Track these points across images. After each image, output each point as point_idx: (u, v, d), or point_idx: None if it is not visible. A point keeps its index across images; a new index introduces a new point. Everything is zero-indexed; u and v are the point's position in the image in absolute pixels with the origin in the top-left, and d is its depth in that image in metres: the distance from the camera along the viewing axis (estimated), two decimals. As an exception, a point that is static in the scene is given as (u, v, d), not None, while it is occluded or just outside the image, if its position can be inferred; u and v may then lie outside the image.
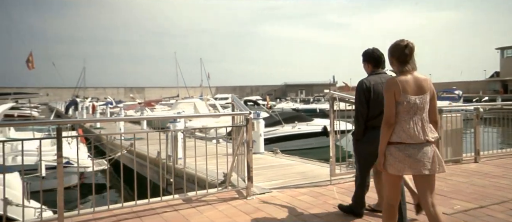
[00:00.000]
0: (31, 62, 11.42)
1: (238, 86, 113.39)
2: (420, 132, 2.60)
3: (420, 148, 2.59)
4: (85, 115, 22.88)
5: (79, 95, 69.14)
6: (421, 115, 2.63)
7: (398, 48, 2.68)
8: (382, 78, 3.46)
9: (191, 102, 25.68)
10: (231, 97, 4.86)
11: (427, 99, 2.65)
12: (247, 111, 4.09)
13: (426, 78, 2.70)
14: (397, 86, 2.62)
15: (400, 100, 2.61)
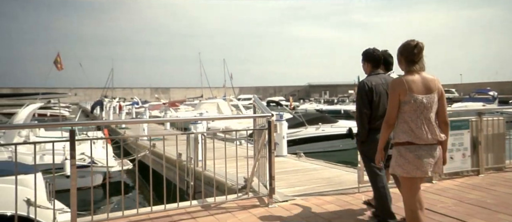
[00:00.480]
0: (59, 63, 11.70)
1: (262, 87, 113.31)
2: (428, 132, 2.56)
3: (429, 149, 2.56)
4: (111, 115, 23.39)
5: (107, 95, 71.27)
6: (428, 114, 2.59)
7: (407, 47, 2.66)
8: (382, 79, 3.43)
9: (214, 103, 25.74)
10: (253, 98, 4.65)
11: (435, 99, 2.61)
12: (269, 113, 3.86)
13: (434, 79, 2.65)
14: (403, 85, 2.59)
15: (406, 100, 2.59)
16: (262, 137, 3.96)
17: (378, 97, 3.35)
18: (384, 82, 3.39)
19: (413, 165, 2.53)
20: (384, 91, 3.34)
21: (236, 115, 6.92)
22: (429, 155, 2.55)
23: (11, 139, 7.83)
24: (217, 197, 4.22)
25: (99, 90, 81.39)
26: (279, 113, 9.41)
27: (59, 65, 11.75)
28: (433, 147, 2.56)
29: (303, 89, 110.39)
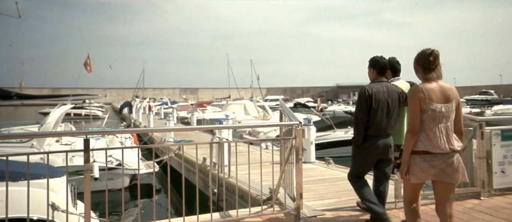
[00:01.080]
0: (89, 65, 12.01)
1: (289, 88, 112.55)
2: (445, 141, 2.57)
3: (446, 158, 2.57)
4: (140, 116, 23.84)
5: (138, 95, 73.45)
6: (446, 123, 2.60)
7: (423, 55, 2.67)
8: (384, 87, 3.48)
9: (241, 104, 25.69)
10: (279, 104, 4.40)
11: (453, 108, 2.63)
12: (296, 120, 3.58)
13: (452, 87, 2.67)
14: (422, 93, 2.59)
15: (425, 108, 2.58)
16: (289, 146, 3.70)
17: (377, 104, 3.37)
18: (386, 90, 3.45)
19: (427, 173, 2.60)
20: (384, 99, 3.40)
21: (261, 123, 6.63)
22: (445, 163, 2.57)
23: (43, 141, 8.01)
24: (240, 210, 4.00)
25: (131, 90, 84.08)
26: (307, 117, 9.09)
27: (88, 67, 12.03)
28: (450, 155, 2.59)
29: (331, 90, 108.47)
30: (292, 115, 3.71)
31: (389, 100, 3.43)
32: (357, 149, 3.54)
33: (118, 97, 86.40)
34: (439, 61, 2.66)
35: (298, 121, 3.54)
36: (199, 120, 19.77)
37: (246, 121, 19.32)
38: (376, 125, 3.36)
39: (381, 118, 3.36)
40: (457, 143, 2.62)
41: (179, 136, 13.09)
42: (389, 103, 3.42)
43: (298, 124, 3.50)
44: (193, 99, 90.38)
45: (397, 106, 3.50)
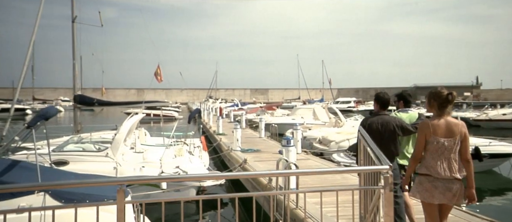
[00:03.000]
0: (159, 75, 12.42)
1: (361, 89, 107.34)
2: (446, 169, 3.05)
3: (446, 183, 3.05)
4: (211, 119, 24.25)
5: (212, 95, 76.58)
6: (448, 155, 3.07)
7: (441, 96, 3.16)
8: (379, 119, 4.17)
9: (310, 108, 24.72)
10: (359, 131, 3.59)
11: (456, 141, 3.08)
12: (385, 163, 2.73)
13: (458, 123, 3.12)
14: (428, 128, 3.12)
15: (430, 140, 3.10)
16: (375, 199, 2.89)
17: (371, 133, 3.79)
18: (380, 122, 4.15)
19: (429, 192, 3.04)
20: (376, 129, 4.07)
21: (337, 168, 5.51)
22: (445, 188, 3.02)
23: (116, 149, 8.21)
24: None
25: (205, 91, 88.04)
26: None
27: (158, 77, 12.43)
28: (451, 181, 3.03)
29: (408, 91, 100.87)
30: (378, 153, 2.89)
31: (381, 130, 4.10)
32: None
33: (193, 97, 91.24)
34: (453, 100, 3.13)
35: (388, 164, 2.69)
36: (267, 124, 19.38)
37: (315, 127, 18.40)
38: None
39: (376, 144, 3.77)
40: (459, 173, 3.07)
41: (245, 145, 12.77)
42: (381, 133, 4.08)
43: (388, 169, 2.65)
44: (263, 99, 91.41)
45: (392, 134, 4.10)
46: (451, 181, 3.03)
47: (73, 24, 11.52)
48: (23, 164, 5.31)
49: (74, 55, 11.73)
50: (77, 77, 12.18)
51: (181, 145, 10.86)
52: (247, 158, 9.78)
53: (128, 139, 9.79)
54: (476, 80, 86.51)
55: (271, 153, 11.36)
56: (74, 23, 11.50)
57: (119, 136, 8.35)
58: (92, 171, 7.84)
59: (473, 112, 33.18)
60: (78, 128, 11.72)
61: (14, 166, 5.17)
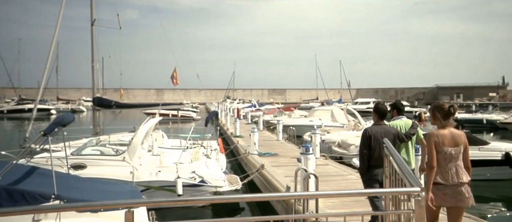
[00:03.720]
0: (175, 78, 12.47)
1: (381, 89, 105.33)
2: (454, 176, 3.40)
3: (455, 188, 3.39)
4: (229, 120, 24.18)
5: (229, 95, 76.88)
6: (455, 162, 3.42)
7: (443, 108, 3.55)
8: (381, 129, 4.56)
9: (328, 110, 24.27)
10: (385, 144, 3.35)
11: (461, 150, 3.45)
12: (416, 185, 2.46)
13: (461, 134, 3.51)
14: (437, 138, 3.45)
15: (438, 150, 3.42)
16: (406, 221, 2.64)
17: (376, 142, 4.36)
18: (382, 131, 4.49)
19: (441, 198, 3.39)
20: (380, 138, 4.29)
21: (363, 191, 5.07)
22: (455, 192, 3.38)
23: (133, 154, 8.21)
24: None
25: (222, 91, 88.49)
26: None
27: (174, 80, 12.46)
28: (458, 186, 3.40)
29: (430, 91, 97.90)
30: (408, 172, 2.64)
31: (383, 139, 4.11)
32: (363, 177, 4.59)
33: (211, 98, 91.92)
34: (455, 112, 3.48)
35: (420, 186, 2.43)
36: (285, 126, 19.14)
37: (334, 129, 18.03)
38: (375, 157, 4.39)
39: (379, 152, 4.23)
40: (465, 177, 3.41)
41: (263, 149, 12.59)
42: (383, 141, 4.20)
43: (419, 191, 2.38)
44: (280, 100, 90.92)
45: (393, 143, 4.09)
46: (459, 185, 3.40)
47: (92, 27, 11.66)
48: (40, 171, 5.32)
49: (93, 58, 11.89)
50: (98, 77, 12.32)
51: (198, 148, 10.80)
52: (264, 162, 9.62)
53: (145, 142, 9.79)
54: (503, 80, 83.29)
55: (289, 157, 11.15)
56: (93, 26, 11.64)
57: (136, 140, 8.34)
58: (109, 175, 7.87)
59: (500, 113, 31.72)
60: (97, 130, 11.88)
61: (32, 173, 5.18)
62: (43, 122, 36.83)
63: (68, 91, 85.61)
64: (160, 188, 7.99)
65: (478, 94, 79.93)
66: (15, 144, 13.04)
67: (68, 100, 62.04)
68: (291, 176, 8.18)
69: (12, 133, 27.65)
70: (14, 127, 34.27)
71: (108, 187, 5.57)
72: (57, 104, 57.46)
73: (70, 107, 57.34)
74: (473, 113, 34.16)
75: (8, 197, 4.28)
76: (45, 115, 44.32)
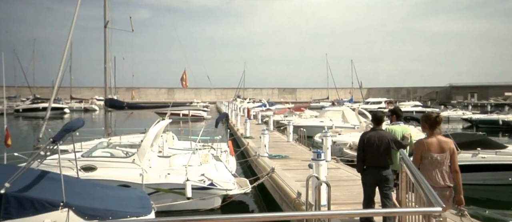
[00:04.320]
0: (185, 80, 12.52)
1: (392, 88, 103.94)
2: (440, 179, 3.79)
3: (441, 190, 3.67)
4: (239, 120, 24.11)
5: (240, 95, 76.94)
6: (441, 167, 3.81)
7: (430, 118, 3.95)
8: (376, 134, 4.99)
9: (339, 111, 23.99)
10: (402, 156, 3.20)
11: (447, 156, 3.83)
12: (438, 205, 2.30)
13: (447, 141, 3.92)
14: (423, 146, 3.88)
15: (425, 156, 3.84)
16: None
17: (369, 146, 4.83)
18: (377, 136, 4.91)
19: None
20: (373, 142, 4.83)
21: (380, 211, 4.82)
22: (440, 195, 3.18)
23: (143, 156, 8.20)
24: None
25: (233, 90, 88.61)
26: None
27: (184, 82, 12.48)
28: (444, 189, 3.77)
29: (443, 91, 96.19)
30: (428, 190, 2.49)
31: (378, 143, 4.84)
32: (361, 175, 5.07)
33: (221, 97, 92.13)
34: (441, 122, 3.87)
35: (441, 206, 2.27)
36: (295, 127, 18.98)
37: (345, 131, 17.79)
38: (369, 159, 4.86)
39: (372, 154, 4.81)
40: (450, 181, 3.79)
41: (273, 151, 12.47)
42: (378, 146, 4.82)
43: (441, 212, 2.22)
44: (291, 99, 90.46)
45: (387, 147, 4.81)
46: (444, 188, 3.75)
47: (105, 29, 11.71)
48: (50, 175, 5.32)
49: (106, 59, 11.93)
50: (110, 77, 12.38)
51: (208, 149, 10.75)
52: (275, 165, 9.51)
53: (155, 144, 9.78)
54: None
55: (299, 160, 11.01)
56: (106, 28, 11.69)
57: (146, 143, 8.33)
58: (119, 177, 7.87)
59: None
60: (109, 131, 11.94)
61: (42, 177, 5.18)
62: (56, 121, 37.53)
63: (82, 90, 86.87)
64: (169, 190, 7.96)
65: (493, 94, 78.09)
66: (29, 144, 13.24)
67: (81, 100, 62.93)
68: (302, 180, 8.06)
69: (27, 132, 28.14)
70: (29, 125, 34.90)
71: (117, 193, 5.54)
72: (70, 103, 58.31)
73: (83, 106, 58.21)
74: (488, 113, 33.22)
75: (17, 204, 4.28)
76: (58, 113, 45.02)
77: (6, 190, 4.28)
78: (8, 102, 56.55)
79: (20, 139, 19.99)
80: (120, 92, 79.78)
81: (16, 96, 63.69)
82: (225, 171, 9.03)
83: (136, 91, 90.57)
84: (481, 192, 10.36)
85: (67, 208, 4.42)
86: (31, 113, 45.01)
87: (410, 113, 41.39)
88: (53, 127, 26.61)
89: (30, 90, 63.37)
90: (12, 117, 43.22)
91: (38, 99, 52.75)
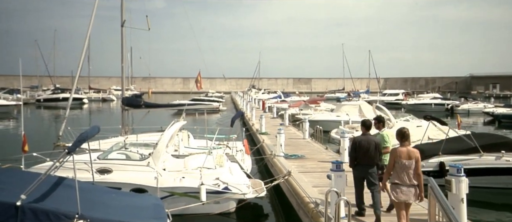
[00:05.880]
0: (199, 82, 12.55)
1: (410, 78, 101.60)
2: (407, 179, 5.00)
3: (408, 187, 5.01)
4: (254, 114, 23.96)
5: (255, 85, 76.65)
6: (408, 170, 5.01)
7: (401, 132, 5.20)
8: (366, 138, 6.13)
9: (356, 105, 23.55)
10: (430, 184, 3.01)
11: (413, 162, 5.01)
12: None
13: (414, 151, 5.12)
14: (396, 154, 5.08)
15: (396, 161, 5.05)
16: None
17: (360, 148, 6.00)
18: (366, 139, 6.07)
19: (400, 194, 5.02)
20: (363, 145, 6.00)
21: None
22: (408, 191, 5.00)
23: (157, 159, 8.18)
24: None
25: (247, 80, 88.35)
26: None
27: (198, 84, 12.48)
28: (411, 187, 5.01)
29: (463, 81, 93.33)
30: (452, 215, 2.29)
31: (367, 146, 5.97)
32: (352, 170, 6.17)
33: (236, 86, 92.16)
34: (409, 135, 5.20)
35: None
36: (312, 121, 18.73)
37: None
38: (360, 158, 6.00)
39: (362, 154, 5.97)
40: (415, 181, 5.02)
41: (289, 149, 12.31)
42: (367, 148, 5.96)
43: None
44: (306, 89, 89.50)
45: (374, 149, 5.99)
46: (410, 186, 4.99)
47: (122, 28, 11.68)
48: (66, 183, 5.31)
49: (123, 58, 11.94)
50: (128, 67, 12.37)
51: (223, 149, 10.67)
52: (291, 166, 9.33)
53: (170, 145, 9.77)
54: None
55: (316, 161, 10.83)
56: (123, 27, 11.66)
57: (160, 146, 8.30)
58: (134, 180, 7.90)
59: None
60: (125, 129, 12.03)
61: (58, 185, 5.18)
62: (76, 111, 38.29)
63: (99, 79, 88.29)
64: (184, 194, 7.93)
65: (517, 85, 75.25)
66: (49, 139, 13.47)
67: (99, 90, 64.04)
68: (319, 185, 7.92)
69: (48, 125, 28.76)
70: (50, 116, 35.74)
71: (132, 201, 5.52)
72: (89, 93, 59.40)
73: (101, 96, 59.28)
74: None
75: (33, 216, 4.29)
76: (77, 104, 45.98)
77: (22, 202, 4.29)
78: (30, 92, 58.21)
79: (40, 134, 20.45)
80: (137, 82, 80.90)
81: (38, 86, 65.35)
82: (240, 173, 8.94)
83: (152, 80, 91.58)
84: (506, 197, 9.99)
85: (82, 220, 4.41)
86: (52, 103, 46.18)
87: (428, 105, 40.23)
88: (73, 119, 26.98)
89: (50, 80, 64.90)
90: (34, 107, 44.44)
91: (58, 89, 54.02)
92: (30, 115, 36.25)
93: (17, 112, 35.49)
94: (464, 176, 5.23)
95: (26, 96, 52.08)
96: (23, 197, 4.32)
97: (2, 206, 4.21)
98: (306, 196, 6.72)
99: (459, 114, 35.64)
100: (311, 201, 6.42)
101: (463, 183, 5.14)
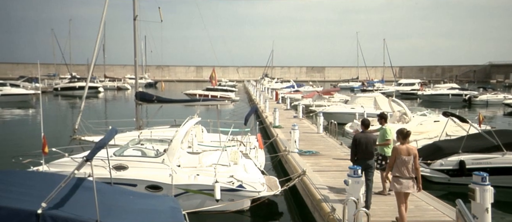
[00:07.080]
0: (214, 78, 12.57)
1: (426, 67, 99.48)
2: (406, 172, 5.75)
3: (406, 179, 5.75)
4: (268, 106, 23.84)
5: (268, 73, 76.34)
6: (408, 165, 5.75)
7: (403, 132, 5.92)
8: (365, 135, 6.95)
9: (371, 98, 23.16)
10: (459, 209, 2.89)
11: (412, 158, 5.76)
12: None
13: (413, 148, 5.91)
14: (397, 151, 5.83)
15: (397, 157, 5.78)
16: None
17: (360, 144, 6.82)
18: (365, 137, 6.91)
19: (399, 185, 5.76)
20: (363, 142, 6.83)
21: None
22: (407, 183, 5.75)
23: (172, 156, 8.22)
24: None
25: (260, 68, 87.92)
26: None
27: (213, 81, 12.49)
28: (409, 179, 5.76)
29: (481, 69, 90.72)
30: None
31: (365, 142, 6.82)
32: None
33: (249, 75, 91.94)
34: (409, 135, 5.95)
35: None
36: (326, 114, 18.52)
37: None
38: (359, 153, 6.82)
39: (361, 150, 6.80)
40: (413, 174, 5.78)
41: (303, 144, 12.20)
42: (366, 144, 6.81)
43: None
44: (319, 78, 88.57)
45: (371, 145, 6.87)
46: (409, 179, 5.71)
47: (134, 22, 11.67)
48: (85, 185, 5.37)
49: (136, 52, 11.96)
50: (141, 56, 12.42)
51: (237, 145, 10.65)
52: (305, 163, 9.24)
53: (184, 141, 9.79)
54: None
55: (330, 158, 10.73)
56: (135, 21, 11.65)
57: (175, 143, 8.32)
58: (149, 177, 7.98)
59: None
60: (140, 123, 12.14)
61: (76, 188, 5.23)
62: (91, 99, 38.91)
63: (114, 68, 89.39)
64: (199, 191, 7.97)
65: (539, 74, 72.79)
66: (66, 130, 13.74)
67: (114, 79, 64.90)
68: (334, 186, 7.83)
69: (65, 114, 29.29)
70: (66, 106, 36.43)
71: (149, 204, 5.54)
72: (104, 81, 60.27)
73: (116, 85, 60.15)
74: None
75: (52, 223, 4.33)
76: (93, 92, 46.80)
77: (43, 210, 4.33)
78: (47, 80, 59.48)
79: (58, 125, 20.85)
80: (150, 70, 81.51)
81: (55, 74, 66.72)
82: (254, 170, 8.91)
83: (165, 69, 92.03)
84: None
85: (98, 227, 4.43)
86: (69, 92, 47.11)
87: (445, 96, 39.20)
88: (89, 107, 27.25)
89: (67, 68, 66.14)
90: (51, 95, 45.45)
91: (75, 78, 55.11)
92: (48, 103, 37.09)
93: (36, 100, 36.45)
94: (489, 185, 5.04)
95: (44, 85, 53.29)
96: (44, 205, 4.36)
97: (23, 213, 4.26)
98: (322, 200, 6.65)
99: (477, 105, 34.76)
100: (327, 205, 6.35)
101: (488, 192, 4.95)
